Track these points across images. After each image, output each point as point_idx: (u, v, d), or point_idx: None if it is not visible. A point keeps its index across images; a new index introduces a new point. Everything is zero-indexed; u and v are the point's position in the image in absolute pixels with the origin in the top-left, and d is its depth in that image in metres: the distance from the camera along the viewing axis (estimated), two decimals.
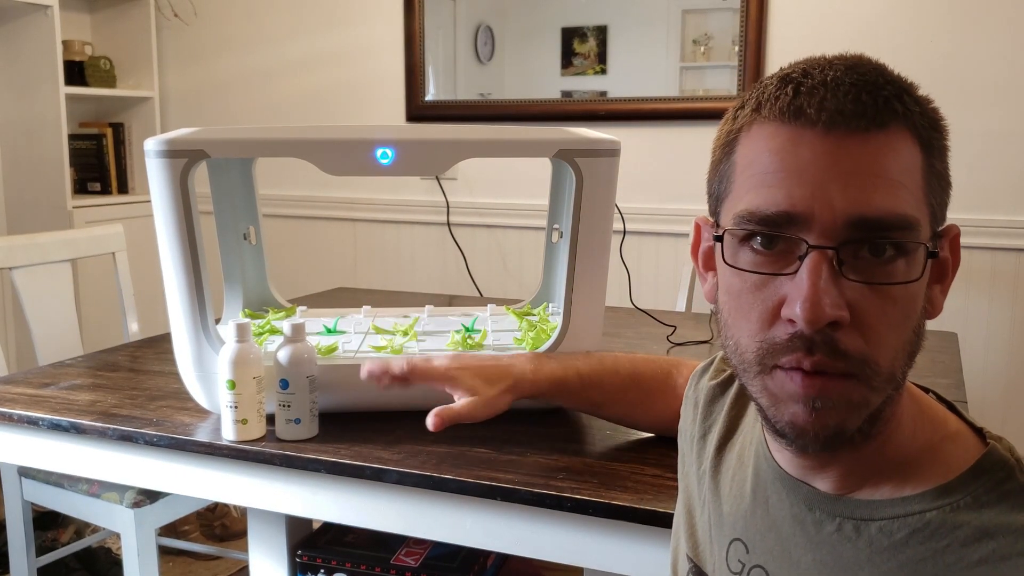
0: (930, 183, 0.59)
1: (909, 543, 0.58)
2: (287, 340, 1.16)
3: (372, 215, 3.01)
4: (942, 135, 0.61)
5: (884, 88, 0.58)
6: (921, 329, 0.61)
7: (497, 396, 1.06)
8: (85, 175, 3.17)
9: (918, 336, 0.61)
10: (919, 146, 0.59)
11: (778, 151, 0.58)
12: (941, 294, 0.63)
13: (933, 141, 0.60)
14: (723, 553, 0.72)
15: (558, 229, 1.45)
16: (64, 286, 2.07)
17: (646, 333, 1.77)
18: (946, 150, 0.62)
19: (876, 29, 2.34)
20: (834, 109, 0.57)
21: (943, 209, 0.62)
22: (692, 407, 0.85)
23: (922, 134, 0.59)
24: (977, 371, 2.31)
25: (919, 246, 0.58)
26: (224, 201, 1.49)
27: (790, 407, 0.59)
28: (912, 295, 0.59)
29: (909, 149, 0.58)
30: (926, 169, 0.59)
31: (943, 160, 0.61)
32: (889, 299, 0.57)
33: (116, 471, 1.28)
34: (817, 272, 0.56)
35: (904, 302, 0.58)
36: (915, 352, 0.61)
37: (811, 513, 0.64)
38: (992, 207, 2.26)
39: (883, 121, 0.57)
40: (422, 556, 1.48)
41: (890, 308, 0.57)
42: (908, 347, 0.60)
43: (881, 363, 0.58)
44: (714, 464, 0.77)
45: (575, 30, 2.68)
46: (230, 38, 3.15)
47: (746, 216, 0.59)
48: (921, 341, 0.61)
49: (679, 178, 2.56)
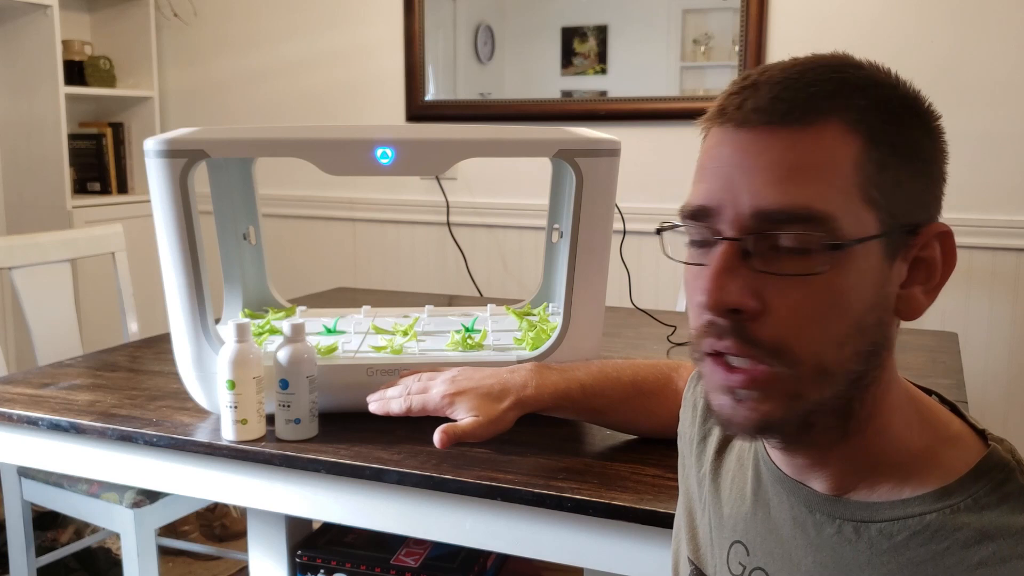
0: (870, 174, 0.58)
1: (909, 545, 0.58)
2: (287, 340, 1.16)
3: (372, 215, 3.01)
4: (903, 127, 0.59)
5: (814, 85, 0.59)
6: (870, 325, 0.59)
7: (501, 415, 1.07)
8: (85, 175, 3.17)
9: (863, 332, 0.59)
10: (860, 138, 0.58)
11: (707, 151, 0.62)
12: (924, 295, 0.61)
13: (883, 134, 0.59)
14: (724, 555, 0.72)
15: (558, 229, 1.45)
16: (64, 286, 2.07)
17: (646, 333, 1.77)
18: (911, 144, 0.59)
19: (876, 29, 2.34)
20: (751, 108, 0.59)
21: (913, 203, 0.60)
22: (691, 409, 0.85)
23: (864, 127, 0.58)
24: (978, 371, 2.31)
25: (823, 241, 0.57)
26: (224, 201, 1.49)
27: (718, 396, 0.62)
28: (832, 289, 0.57)
29: (838, 142, 0.58)
30: (862, 161, 0.58)
31: (905, 154, 0.59)
32: (805, 291, 0.57)
33: (116, 471, 1.28)
34: (721, 260, 0.58)
35: (823, 295, 0.57)
36: (863, 349, 0.59)
37: (811, 515, 0.64)
38: (992, 207, 2.26)
39: (801, 117, 0.58)
40: (422, 556, 1.48)
41: (806, 300, 0.57)
42: (843, 342, 0.58)
43: (799, 354, 0.58)
44: (714, 466, 0.77)
45: (575, 30, 2.68)
46: (230, 38, 3.15)
47: (680, 212, 0.63)
48: (874, 339, 0.60)
49: (679, 178, 2.54)
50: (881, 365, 0.62)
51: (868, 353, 0.60)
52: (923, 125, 0.61)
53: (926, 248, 0.61)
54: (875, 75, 0.61)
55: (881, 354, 0.61)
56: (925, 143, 0.61)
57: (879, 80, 0.61)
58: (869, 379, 0.61)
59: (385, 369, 1.23)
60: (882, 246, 0.59)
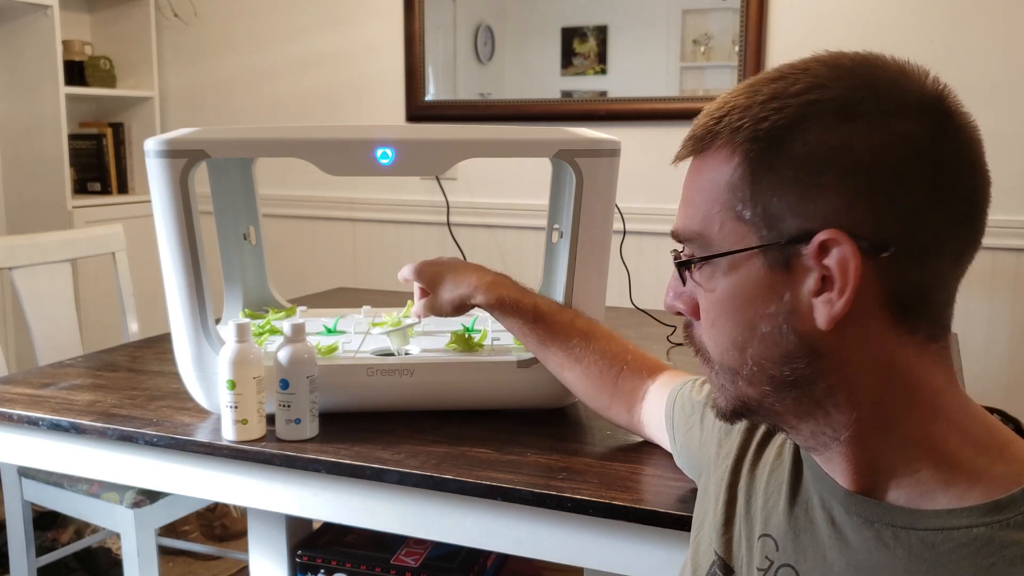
0: (738, 192, 0.61)
1: (952, 557, 0.57)
2: (287, 340, 1.16)
3: (372, 215, 3.01)
4: (776, 141, 0.59)
5: (715, 113, 0.63)
6: (772, 331, 0.61)
7: (445, 301, 1.22)
8: (85, 175, 3.17)
9: (764, 338, 0.61)
10: (737, 158, 0.61)
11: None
12: (824, 304, 0.59)
13: (751, 152, 0.60)
14: (751, 548, 0.71)
15: (558, 229, 1.45)
16: (64, 286, 2.07)
17: (646, 333, 1.77)
18: (787, 155, 0.58)
19: (876, 29, 2.34)
20: (687, 137, 0.66)
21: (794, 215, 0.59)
22: None
23: (740, 147, 0.60)
24: (977, 371, 2.31)
25: (685, 258, 0.66)
26: (224, 201, 1.49)
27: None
28: (720, 297, 0.63)
29: (718, 166, 0.62)
30: (733, 181, 0.61)
31: (777, 166, 0.59)
32: (704, 299, 0.65)
33: (116, 471, 1.28)
34: (672, 273, 0.69)
35: (709, 303, 0.65)
36: (771, 353, 0.61)
37: (849, 517, 0.63)
38: (992, 207, 2.24)
39: (700, 145, 0.64)
40: (422, 556, 1.48)
41: (706, 307, 0.65)
42: (741, 345, 0.63)
43: (712, 354, 0.66)
44: (755, 456, 0.76)
45: (575, 30, 2.68)
46: (230, 38, 3.15)
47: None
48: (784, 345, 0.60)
49: (679, 178, 2.55)
50: (831, 371, 0.60)
51: (783, 358, 0.61)
52: (808, 134, 0.58)
53: (822, 255, 0.58)
54: (778, 88, 0.60)
55: (821, 361, 0.60)
56: (808, 152, 0.58)
57: (774, 93, 0.60)
58: (816, 384, 0.61)
59: (385, 369, 1.24)
60: (763, 257, 0.60)
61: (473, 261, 1.29)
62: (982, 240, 0.64)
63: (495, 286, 1.19)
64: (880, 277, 0.58)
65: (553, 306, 1.19)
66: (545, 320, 1.17)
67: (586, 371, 1.14)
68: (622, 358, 1.12)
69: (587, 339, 1.15)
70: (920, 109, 0.60)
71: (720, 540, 0.75)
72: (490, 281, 1.20)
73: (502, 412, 1.28)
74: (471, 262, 1.28)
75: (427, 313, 1.26)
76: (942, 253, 0.60)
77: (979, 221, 0.64)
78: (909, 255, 0.59)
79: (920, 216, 0.59)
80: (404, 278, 1.29)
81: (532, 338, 1.18)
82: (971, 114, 0.64)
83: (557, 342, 1.16)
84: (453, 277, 1.23)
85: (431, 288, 1.25)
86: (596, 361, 1.13)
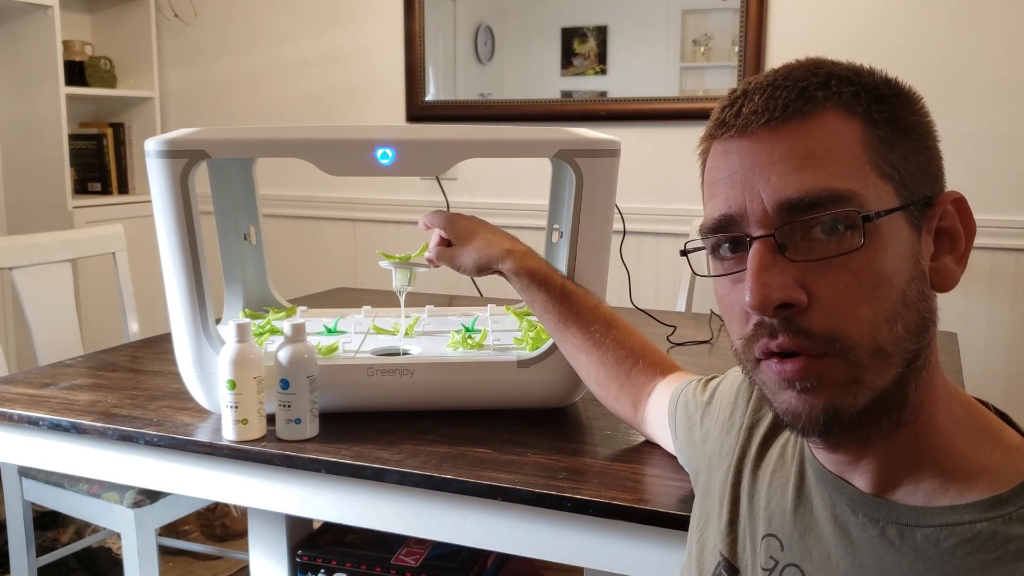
0: (878, 151, 0.60)
1: (956, 553, 0.57)
2: (287, 340, 1.16)
3: (372, 215, 3.01)
4: (894, 106, 0.62)
5: (802, 80, 0.61)
6: (914, 299, 0.59)
7: (471, 260, 1.20)
8: (85, 175, 3.17)
9: (909, 306, 0.59)
10: (858, 120, 0.61)
11: (715, 165, 0.64)
12: (955, 263, 0.62)
13: (877, 113, 0.61)
14: (755, 548, 0.71)
15: (558, 229, 1.45)
16: (64, 286, 2.07)
17: (646, 333, 1.75)
18: (905, 120, 0.62)
19: (876, 30, 2.34)
20: (749, 112, 0.61)
21: (922, 176, 0.61)
22: (733, 396, 0.84)
23: (860, 109, 0.61)
24: (977, 371, 2.31)
25: (857, 215, 0.58)
26: (224, 201, 1.49)
27: (780, 395, 0.61)
28: (873, 264, 0.58)
29: (840, 126, 0.60)
30: (868, 140, 0.60)
31: (903, 130, 0.61)
32: (848, 272, 0.58)
33: (116, 471, 1.28)
34: (757, 259, 0.59)
35: (866, 272, 0.58)
36: (913, 324, 0.59)
37: (854, 515, 0.63)
38: (992, 207, 2.26)
39: (799, 109, 0.60)
40: (422, 556, 1.48)
41: (850, 281, 0.58)
42: (893, 318, 0.58)
43: (855, 337, 0.58)
44: (756, 457, 0.76)
45: (575, 30, 2.68)
46: (230, 38, 3.15)
47: (701, 230, 0.64)
48: (920, 312, 0.60)
49: (679, 178, 2.56)
50: (930, 343, 0.62)
51: (918, 329, 0.60)
52: (910, 104, 0.63)
53: (945, 218, 0.62)
54: (854, 67, 0.64)
55: (930, 330, 0.61)
56: (917, 120, 0.62)
57: (860, 69, 0.63)
58: (922, 359, 0.61)
59: (385, 369, 1.24)
60: (906, 218, 0.60)
61: None
62: None
63: (528, 256, 1.19)
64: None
65: (580, 289, 1.18)
66: (571, 299, 1.16)
67: (602, 358, 1.13)
68: (639, 352, 1.12)
69: (608, 327, 1.14)
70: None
71: (725, 541, 0.75)
72: (524, 251, 1.20)
73: (502, 412, 1.28)
74: (499, 228, 1.26)
75: (443, 262, 1.24)
76: None
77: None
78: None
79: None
80: (428, 223, 1.26)
81: (554, 315, 1.16)
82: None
83: (579, 324, 1.15)
84: (487, 237, 1.21)
85: (460, 241, 1.22)
86: (614, 350, 1.12)
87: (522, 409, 1.29)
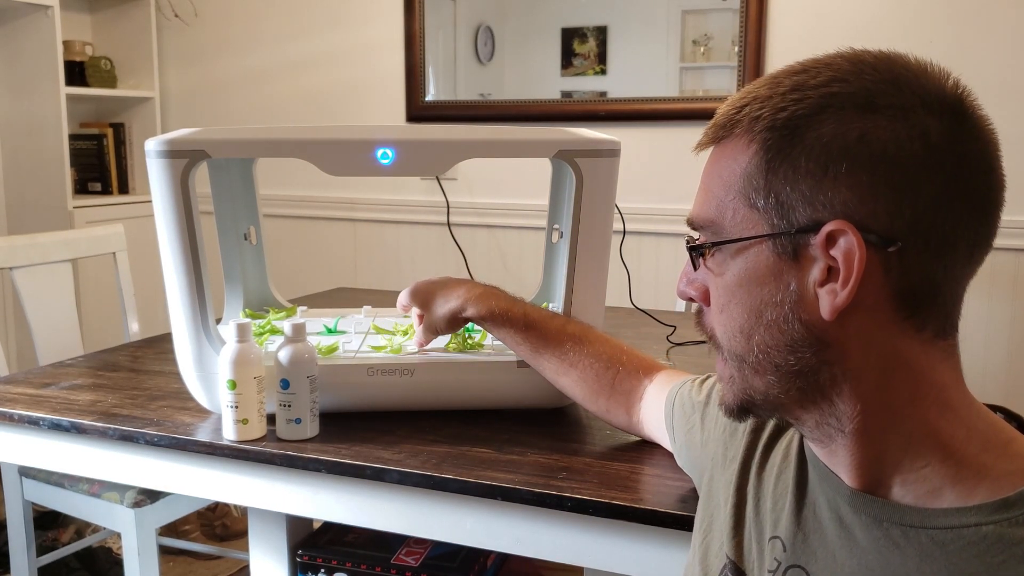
0: (753, 181, 0.62)
1: (963, 555, 0.57)
2: (288, 340, 1.16)
3: (372, 215, 3.01)
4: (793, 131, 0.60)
5: (737, 102, 0.64)
6: (775, 319, 0.62)
7: (439, 317, 1.23)
8: (86, 175, 3.17)
9: (769, 326, 0.62)
10: (755, 147, 0.62)
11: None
12: (828, 294, 0.60)
13: (770, 140, 0.60)
14: (761, 551, 0.71)
15: (558, 229, 1.45)
16: (64, 286, 2.07)
17: (646, 333, 1.77)
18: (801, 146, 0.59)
19: (875, 30, 2.34)
20: (709, 126, 0.67)
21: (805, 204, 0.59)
22: None
23: (761, 137, 0.61)
24: (977, 371, 2.32)
25: (704, 243, 0.66)
26: (224, 201, 1.49)
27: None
28: (724, 283, 0.65)
29: (739, 153, 0.63)
30: (753, 169, 0.62)
31: (792, 157, 0.60)
32: (714, 286, 0.67)
33: (117, 471, 1.28)
34: (687, 261, 0.70)
35: (720, 289, 0.66)
36: (776, 341, 0.62)
37: (857, 516, 0.63)
38: None
39: (720, 133, 0.65)
40: (422, 556, 1.48)
41: (716, 294, 0.67)
42: (748, 332, 0.64)
43: (721, 341, 0.67)
44: (761, 459, 0.76)
45: (575, 30, 2.68)
46: (230, 38, 3.15)
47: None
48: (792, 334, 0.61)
49: (679, 178, 2.56)
50: (835, 361, 0.61)
51: (789, 347, 0.62)
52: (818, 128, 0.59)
53: (829, 246, 0.59)
54: (800, 80, 0.61)
55: (826, 351, 0.61)
56: (828, 144, 0.59)
57: (795, 85, 0.61)
58: (820, 374, 0.61)
59: (385, 369, 1.24)
60: (772, 245, 0.61)
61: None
62: (993, 242, 0.64)
63: (484, 297, 1.20)
64: (887, 271, 0.59)
65: (544, 313, 1.20)
66: (536, 327, 1.17)
67: (582, 375, 1.14)
68: (617, 360, 1.13)
69: (580, 343, 1.15)
70: (940, 107, 0.61)
71: (731, 543, 0.75)
72: (479, 293, 1.21)
73: (502, 412, 1.28)
74: (461, 277, 1.29)
75: (427, 337, 1.27)
76: (953, 251, 0.61)
77: (991, 221, 0.64)
78: (919, 251, 0.59)
79: (933, 212, 0.59)
80: (402, 304, 1.29)
81: (525, 347, 1.18)
82: (989, 118, 0.65)
83: (550, 348, 1.16)
84: (443, 293, 1.24)
85: (425, 308, 1.26)
86: (591, 365, 1.13)
87: (522, 409, 1.29)
